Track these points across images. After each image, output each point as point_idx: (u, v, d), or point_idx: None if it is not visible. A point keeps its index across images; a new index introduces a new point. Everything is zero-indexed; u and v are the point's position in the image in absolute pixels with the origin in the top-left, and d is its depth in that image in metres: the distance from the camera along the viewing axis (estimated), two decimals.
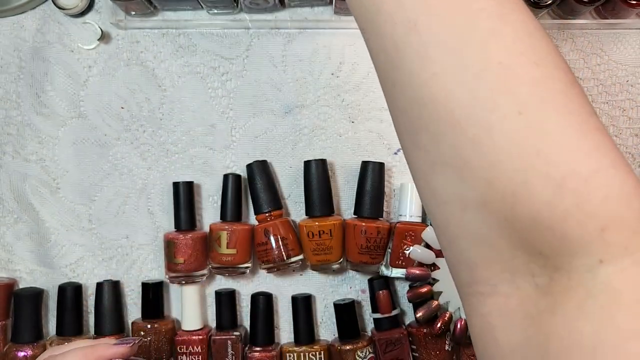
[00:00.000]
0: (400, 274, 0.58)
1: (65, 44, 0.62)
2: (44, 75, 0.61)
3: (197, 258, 0.58)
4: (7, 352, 0.58)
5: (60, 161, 0.62)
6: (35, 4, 0.61)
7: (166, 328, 0.59)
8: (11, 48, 0.62)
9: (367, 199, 0.59)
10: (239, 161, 0.62)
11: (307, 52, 0.62)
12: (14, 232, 0.62)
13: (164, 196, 0.62)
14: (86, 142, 0.62)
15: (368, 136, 0.62)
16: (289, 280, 0.62)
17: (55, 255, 0.61)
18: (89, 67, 0.62)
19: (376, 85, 0.62)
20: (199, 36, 0.62)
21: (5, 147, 0.62)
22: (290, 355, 0.59)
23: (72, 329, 0.59)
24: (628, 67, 0.63)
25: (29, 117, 0.61)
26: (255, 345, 0.59)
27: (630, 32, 0.63)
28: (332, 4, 0.61)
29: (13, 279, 0.61)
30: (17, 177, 0.62)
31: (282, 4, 0.61)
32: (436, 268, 0.58)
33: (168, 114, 0.62)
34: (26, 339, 0.58)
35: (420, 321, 0.58)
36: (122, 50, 0.62)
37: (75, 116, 0.62)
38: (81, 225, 0.62)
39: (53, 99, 0.61)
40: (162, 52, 0.62)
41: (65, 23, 0.62)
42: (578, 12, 0.60)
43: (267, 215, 0.59)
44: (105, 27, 0.62)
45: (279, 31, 0.62)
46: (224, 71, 0.62)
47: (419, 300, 0.58)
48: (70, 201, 0.62)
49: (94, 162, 0.62)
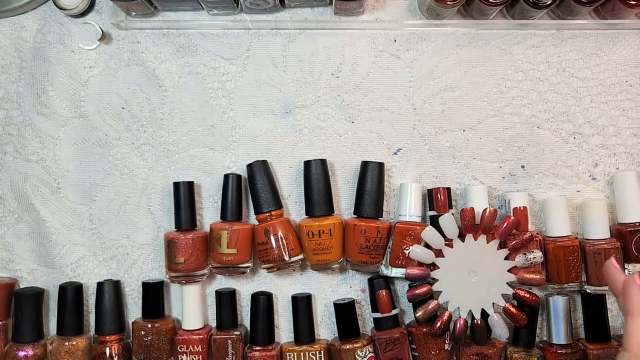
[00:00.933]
0: (400, 273, 0.58)
1: (66, 44, 0.62)
2: (44, 76, 0.62)
3: (197, 258, 0.58)
4: (7, 351, 0.58)
5: (61, 161, 0.62)
6: (36, 4, 0.62)
7: (166, 327, 0.59)
8: (12, 48, 0.62)
9: (366, 198, 0.59)
10: (239, 161, 0.62)
11: (307, 52, 0.62)
12: (14, 232, 0.62)
13: (164, 196, 0.62)
14: (87, 142, 0.62)
15: (368, 136, 0.62)
16: (289, 280, 0.63)
17: (56, 255, 0.62)
18: (89, 67, 0.62)
19: (376, 85, 0.62)
20: (200, 36, 0.62)
21: (6, 147, 0.62)
22: (290, 354, 0.59)
23: (73, 329, 0.59)
24: (627, 67, 0.63)
25: (29, 117, 0.62)
26: (256, 344, 0.59)
27: (629, 33, 0.63)
28: (332, 5, 0.61)
29: (14, 279, 0.62)
30: (18, 177, 0.62)
31: (282, 5, 0.61)
32: (436, 268, 0.58)
33: (168, 114, 0.62)
34: (27, 338, 0.58)
35: (420, 320, 0.58)
36: (123, 51, 0.62)
37: (76, 116, 0.62)
38: (82, 225, 0.62)
39: (54, 99, 0.62)
40: (163, 52, 0.62)
41: (66, 23, 0.62)
42: (577, 13, 0.60)
43: (267, 215, 0.59)
44: (106, 28, 0.62)
45: (279, 32, 0.62)
46: (224, 71, 0.62)
47: (419, 299, 0.58)
48: (71, 201, 0.62)
49: (94, 162, 0.62)
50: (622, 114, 0.63)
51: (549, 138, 0.63)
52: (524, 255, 0.57)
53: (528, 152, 0.62)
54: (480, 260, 0.57)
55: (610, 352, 0.58)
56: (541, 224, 0.62)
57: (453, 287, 0.58)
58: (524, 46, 0.63)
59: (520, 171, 0.62)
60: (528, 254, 0.57)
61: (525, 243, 0.57)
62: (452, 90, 0.62)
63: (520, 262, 0.57)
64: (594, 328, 0.60)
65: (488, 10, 0.59)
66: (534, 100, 0.63)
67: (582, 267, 0.58)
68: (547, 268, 0.59)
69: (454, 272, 0.58)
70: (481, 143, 0.62)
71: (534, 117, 0.63)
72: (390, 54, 0.62)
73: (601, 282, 0.58)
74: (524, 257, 0.57)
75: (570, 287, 0.58)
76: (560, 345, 0.59)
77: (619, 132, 0.63)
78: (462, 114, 0.62)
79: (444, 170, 0.62)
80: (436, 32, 0.62)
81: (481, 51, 0.63)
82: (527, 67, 0.63)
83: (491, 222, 0.57)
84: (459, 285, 0.58)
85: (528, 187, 0.62)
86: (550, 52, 0.63)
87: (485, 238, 0.58)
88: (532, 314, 0.59)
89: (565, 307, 0.59)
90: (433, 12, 0.60)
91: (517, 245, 0.57)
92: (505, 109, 0.63)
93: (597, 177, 0.63)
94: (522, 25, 0.62)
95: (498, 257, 0.57)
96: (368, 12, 0.63)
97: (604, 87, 0.63)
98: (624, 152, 0.63)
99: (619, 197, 0.60)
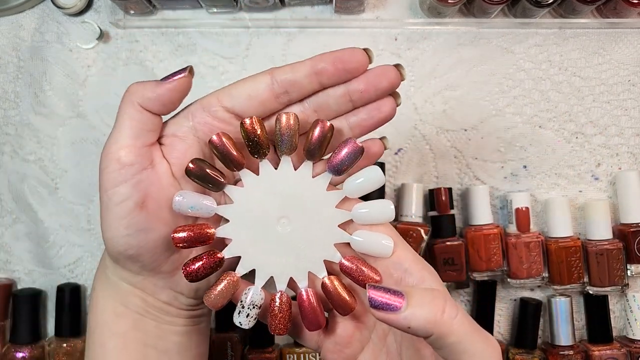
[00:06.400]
0: None
1: (64, 43, 0.61)
2: (42, 75, 0.61)
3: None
4: (5, 352, 0.57)
5: (59, 161, 0.61)
6: (34, 3, 0.61)
7: None
8: (10, 47, 0.61)
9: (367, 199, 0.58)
10: None
11: (307, 51, 0.62)
12: (12, 232, 0.61)
13: None
14: (85, 142, 0.61)
15: (368, 136, 0.62)
16: None
17: (53, 256, 0.61)
18: (87, 66, 0.61)
19: None
20: (198, 35, 0.62)
21: (3, 147, 0.61)
22: (290, 356, 0.59)
23: (71, 330, 0.58)
24: (630, 67, 0.62)
25: (27, 117, 0.61)
26: (255, 346, 0.59)
27: (632, 32, 0.62)
28: (332, 3, 0.60)
29: (11, 280, 0.61)
30: (15, 177, 0.61)
31: (282, 3, 0.61)
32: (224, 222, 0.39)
33: (168, 114, 0.62)
34: (25, 339, 0.58)
35: (212, 305, 0.37)
36: (121, 50, 0.62)
37: (74, 116, 0.61)
38: (80, 225, 0.61)
39: (52, 98, 0.61)
40: (161, 51, 0.62)
41: (64, 22, 0.61)
42: (579, 12, 0.60)
43: None
44: (104, 27, 0.61)
45: (279, 30, 0.62)
46: (223, 70, 0.62)
47: (203, 278, 0.36)
48: (69, 201, 0.61)
49: (92, 162, 0.61)
50: (625, 114, 0.62)
51: (551, 138, 0.62)
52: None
53: (530, 152, 0.62)
54: (297, 200, 0.37)
55: (613, 353, 0.58)
56: (543, 224, 0.61)
57: (254, 246, 0.37)
58: (525, 45, 0.62)
59: (522, 171, 0.62)
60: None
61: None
62: (453, 90, 0.62)
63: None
64: (596, 329, 0.59)
65: (490, 9, 0.59)
66: (536, 100, 0.62)
67: (584, 268, 0.58)
68: (549, 269, 0.58)
69: (252, 222, 0.37)
70: (483, 143, 0.62)
71: (536, 117, 0.62)
72: (391, 52, 0.62)
73: (603, 283, 0.57)
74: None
75: (572, 288, 0.58)
76: (563, 346, 0.58)
77: (621, 132, 0.62)
78: (463, 113, 0.62)
79: (445, 170, 0.62)
80: (437, 31, 0.62)
81: (483, 50, 0.62)
82: (529, 66, 0.62)
83: (292, 132, 0.35)
84: (264, 243, 0.37)
85: (530, 187, 0.62)
86: (552, 51, 0.62)
87: (310, 166, 0.37)
88: (535, 315, 0.59)
89: (567, 309, 0.59)
90: (434, 10, 0.60)
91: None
92: (507, 109, 0.62)
93: (600, 177, 0.62)
94: (524, 24, 0.61)
95: (328, 200, 0.37)
96: (369, 10, 0.62)
97: (607, 87, 0.62)
98: (627, 152, 0.62)
99: (622, 197, 0.60)
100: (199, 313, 0.42)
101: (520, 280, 0.58)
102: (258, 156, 0.36)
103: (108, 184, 0.35)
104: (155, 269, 0.38)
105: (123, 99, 0.36)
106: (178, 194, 0.36)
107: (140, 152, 0.35)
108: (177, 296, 0.39)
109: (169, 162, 0.37)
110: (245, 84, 0.36)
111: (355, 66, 0.35)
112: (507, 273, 0.58)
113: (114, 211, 0.35)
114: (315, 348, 0.39)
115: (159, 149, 0.37)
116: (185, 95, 0.37)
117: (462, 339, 0.31)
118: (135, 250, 0.36)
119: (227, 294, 0.36)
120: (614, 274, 0.58)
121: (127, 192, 0.35)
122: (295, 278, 0.37)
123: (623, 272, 0.58)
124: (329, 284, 0.36)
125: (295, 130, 0.35)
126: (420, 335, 0.31)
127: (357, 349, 0.38)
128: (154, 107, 0.36)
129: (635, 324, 0.59)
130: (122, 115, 0.36)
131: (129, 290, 0.39)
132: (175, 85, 0.36)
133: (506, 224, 0.60)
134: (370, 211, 0.36)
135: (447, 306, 0.31)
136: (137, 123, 0.36)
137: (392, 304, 0.31)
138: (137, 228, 0.35)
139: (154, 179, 0.36)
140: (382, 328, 0.38)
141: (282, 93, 0.36)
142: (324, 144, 0.36)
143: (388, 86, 0.36)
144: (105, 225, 0.36)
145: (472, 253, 0.58)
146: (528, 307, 0.59)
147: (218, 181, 0.36)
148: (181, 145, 0.37)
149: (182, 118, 0.37)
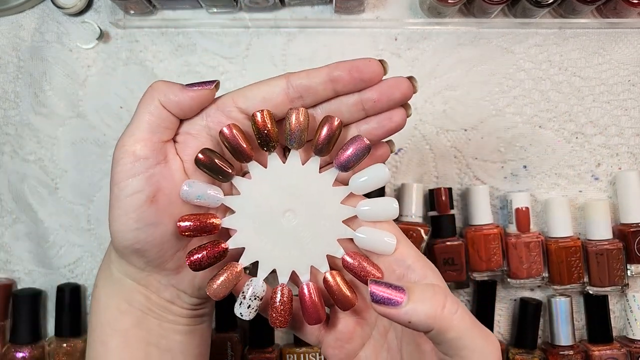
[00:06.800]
0: None
1: (64, 43, 0.61)
2: (42, 75, 0.61)
3: None
4: (5, 352, 0.57)
5: (59, 161, 0.61)
6: (34, 3, 0.61)
7: None
8: (10, 47, 0.61)
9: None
10: None
11: (307, 51, 0.62)
12: (12, 232, 0.61)
13: None
14: (85, 142, 0.61)
15: None
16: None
17: (53, 256, 0.61)
18: (87, 66, 0.61)
19: None
20: (198, 35, 0.62)
21: (3, 147, 0.61)
22: (290, 356, 0.58)
23: (71, 330, 0.58)
24: (630, 67, 0.62)
25: (27, 117, 0.61)
26: (255, 346, 0.59)
27: (631, 32, 0.62)
28: (332, 3, 0.60)
29: (11, 280, 0.61)
30: (15, 177, 0.61)
31: (282, 3, 0.61)
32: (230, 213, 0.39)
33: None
34: (25, 339, 0.58)
35: (215, 296, 0.36)
36: (121, 50, 0.62)
37: (74, 116, 0.61)
38: (80, 225, 0.61)
39: (52, 98, 0.61)
40: (161, 51, 0.62)
41: (64, 22, 0.61)
42: (579, 11, 0.60)
43: None
44: (104, 27, 0.61)
45: (279, 30, 0.62)
46: (223, 70, 0.62)
47: (206, 267, 0.37)
48: (69, 201, 0.61)
49: (93, 162, 0.61)
50: (625, 114, 0.62)
51: (551, 138, 0.62)
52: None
53: (530, 152, 0.62)
54: (303, 194, 0.37)
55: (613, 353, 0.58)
56: (543, 224, 0.61)
57: (258, 238, 0.37)
58: (525, 45, 0.62)
59: (522, 171, 0.62)
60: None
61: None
62: (453, 90, 0.62)
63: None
64: (596, 329, 0.59)
65: (490, 9, 0.59)
66: (536, 100, 0.62)
67: (584, 268, 0.58)
68: (549, 269, 0.58)
69: (258, 214, 0.37)
70: (483, 143, 0.62)
71: (536, 117, 0.62)
72: (391, 52, 0.62)
73: (603, 283, 0.57)
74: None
75: (572, 288, 0.58)
76: (563, 346, 0.58)
77: (621, 132, 0.62)
78: (463, 113, 0.62)
79: (445, 170, 0.62)
80: (437, 31, 0.62)
81: (483, 50, 0.62)
82: (529, 66, 0.62)
83: (302, 128, 0.36)
84: (268, 235, 0.37)
85: (530, 187, 0.62)
86: (552, 51, 0.62)
87: (318, 161, 0.37)
88: (535, 315, 0.59)
89: (567, 309, 0.59)
90: (434, 10, 0.60)
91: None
92: (507, 109, 0.62)
93: (600, 177, 0.62)
94: (524, 24, 0.61)
95: (334, 195, 0.37)
96: (369, 10, 0.62)
97: (607, 87, 0.62)
98: (627, 152, 0.62)
99: (622, 197, 0.60)
100: (201, 312, 0.42)
101: (520, 280, 0.58)
102: (267, 149, 0.36)
103: (121, 176, 0.35)
104: (160, 265, 0.38)
105: (145, 94, 0.36)
106: (186, 183, 0.36)
107: (155, 147, 0.36)
108: (180, 294, 0.40)
109: (182, 159, 0.37)
110: (261, 87, 0.37)
111: (371, 76, 0.35)
112: (507, 273, 0.58)
113: (125, 203, 0.35)
114: (316, 343, 0.40)
115: (173, 146, 0.37)
116: (203, 106, 0.37)
117: (462, 334, 0.31)
118: (142, 245, 0.36)
119: (230, 284, 0.36)
120: (614, 274, 0.58)
121: (139, 185, 0.35)
122: (298, 271, 0.37)
123: (623, 272, 0.58)
124: (330, 280, 0.36)
125: (305, 126, 0.36)
126: (420, 330, 0.32)
127: (358, 344, 0.38)
128: (173, 109, 0.36)
129: (635, 324, 0.59)
130: (142, 109, 0.36)
131: (132, 287, 0.39)
132: (198, 94, 0.36)
133: (506, 224, 0.61)
134: (374, 208, 0.36)
135: (447, 302, 0.31)
136: (155, 119, 0.36)
137: (393, 299, 0.31)
138: (146, 222, 0.35)
139: (166, 174, 0.36)
140: (383, 324, 0.38)
141: (297, 98, 0.36)
142: (332, 141, 0.36)
143: (400, 97, 0.36)
144: (113, 217, 0.36)
145: (472, 253, 0.58)
146: (528, 307, 0.59)
147: (226, 172, 0.36)
148: (194, 143, 0.37)
149: (197, 117, 0.38)
